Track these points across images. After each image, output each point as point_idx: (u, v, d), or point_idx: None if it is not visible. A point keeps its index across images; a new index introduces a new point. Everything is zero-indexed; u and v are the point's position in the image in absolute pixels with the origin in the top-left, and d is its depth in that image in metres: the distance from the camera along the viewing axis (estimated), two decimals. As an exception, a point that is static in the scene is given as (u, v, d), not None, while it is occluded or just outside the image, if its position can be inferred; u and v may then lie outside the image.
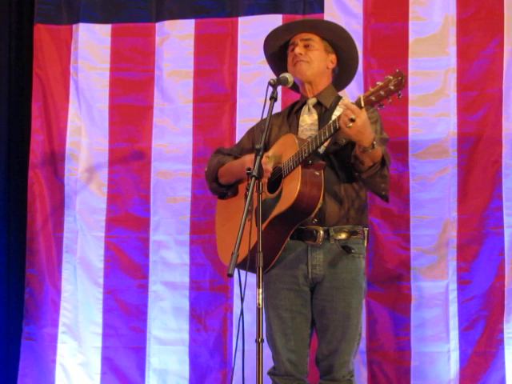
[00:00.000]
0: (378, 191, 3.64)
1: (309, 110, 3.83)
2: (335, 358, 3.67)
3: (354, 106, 3.38)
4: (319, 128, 3.74)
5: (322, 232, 3.66)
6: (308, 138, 3.71)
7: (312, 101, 3.84)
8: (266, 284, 3.43)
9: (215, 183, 3.96)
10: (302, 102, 3.88)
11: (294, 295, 3.71)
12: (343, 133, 3.47)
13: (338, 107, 3.76)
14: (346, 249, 3.68)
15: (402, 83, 3.32)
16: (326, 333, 3.68)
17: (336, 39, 3.86)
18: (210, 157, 4.08)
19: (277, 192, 3.65)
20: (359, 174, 3.60)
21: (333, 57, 3.87)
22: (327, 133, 3.51)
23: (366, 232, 3.77)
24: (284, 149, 3.68)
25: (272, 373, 3.76)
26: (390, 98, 3.35)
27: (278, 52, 3.97)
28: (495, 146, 4.67)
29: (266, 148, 3.72)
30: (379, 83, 3.36)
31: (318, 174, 3.59)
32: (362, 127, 3.40)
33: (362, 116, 3.38)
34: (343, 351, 3.67)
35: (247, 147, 3.97)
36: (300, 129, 3.82)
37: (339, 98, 3.87)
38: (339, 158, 3.69)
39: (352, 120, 3.36)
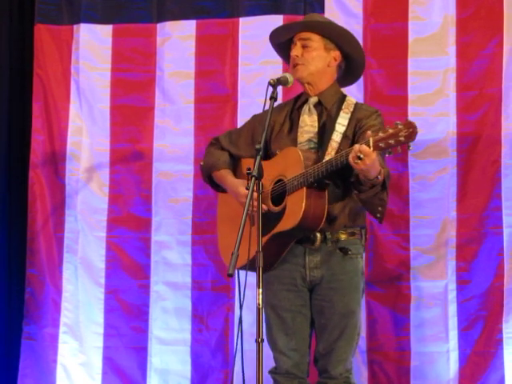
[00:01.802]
0: (374, 213, 3.60)
1: (309, 109, 3.81)
2: (332, 356, 3.67)
3: (365, 148, 3.31)
4: (318, 131, 3.74)
5: (319, 236, 3.66)
6: (306, 141, 3.73)
7: (313, 100, 3.81)
8: (265, 285, 3.42)
9: (208, 179, 3.99)
10: (304, 100, 3.85)
11: (293, 296, 3.71)
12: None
13: (342, 112, 3.73)
14: (343, 250, 3.68)
15: (412, 136, 3.24)
16: (324, 332, 3.69)
17: (337, 37, 3.79)
18: (207, 147, 4.04)
19: (280, 207, 3.65)
20: (358, 193, 3.55)
21: (336, 53, 3.80)
22: (334, 165, 3.48)
23: (363, 232, 3.77)
24: (288, 162, 3.67)
25: (273, 371, 3.76)
26: (399, 148, 3.29)
27: (283, 47, 3.92)
28: (494, 145, 4.66)
29: (266, 148, 3.73)
30: (390, 130, 3.27)
31: (322, 194, 3.58)
32: (370, 165, 3.36)
33: (372, 156, 3.32)
34: (340, 349, 3.67)
35: (247, 141, 3.92)
36: (300, 130, 3.79)
37: (344, 96, 3.82)
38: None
39: (360, 158, 3.33)
